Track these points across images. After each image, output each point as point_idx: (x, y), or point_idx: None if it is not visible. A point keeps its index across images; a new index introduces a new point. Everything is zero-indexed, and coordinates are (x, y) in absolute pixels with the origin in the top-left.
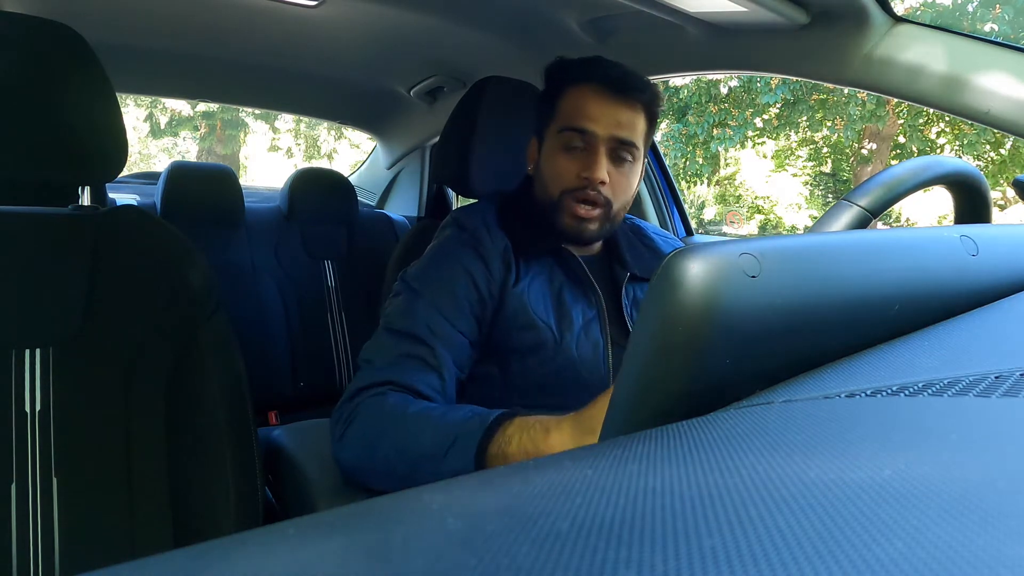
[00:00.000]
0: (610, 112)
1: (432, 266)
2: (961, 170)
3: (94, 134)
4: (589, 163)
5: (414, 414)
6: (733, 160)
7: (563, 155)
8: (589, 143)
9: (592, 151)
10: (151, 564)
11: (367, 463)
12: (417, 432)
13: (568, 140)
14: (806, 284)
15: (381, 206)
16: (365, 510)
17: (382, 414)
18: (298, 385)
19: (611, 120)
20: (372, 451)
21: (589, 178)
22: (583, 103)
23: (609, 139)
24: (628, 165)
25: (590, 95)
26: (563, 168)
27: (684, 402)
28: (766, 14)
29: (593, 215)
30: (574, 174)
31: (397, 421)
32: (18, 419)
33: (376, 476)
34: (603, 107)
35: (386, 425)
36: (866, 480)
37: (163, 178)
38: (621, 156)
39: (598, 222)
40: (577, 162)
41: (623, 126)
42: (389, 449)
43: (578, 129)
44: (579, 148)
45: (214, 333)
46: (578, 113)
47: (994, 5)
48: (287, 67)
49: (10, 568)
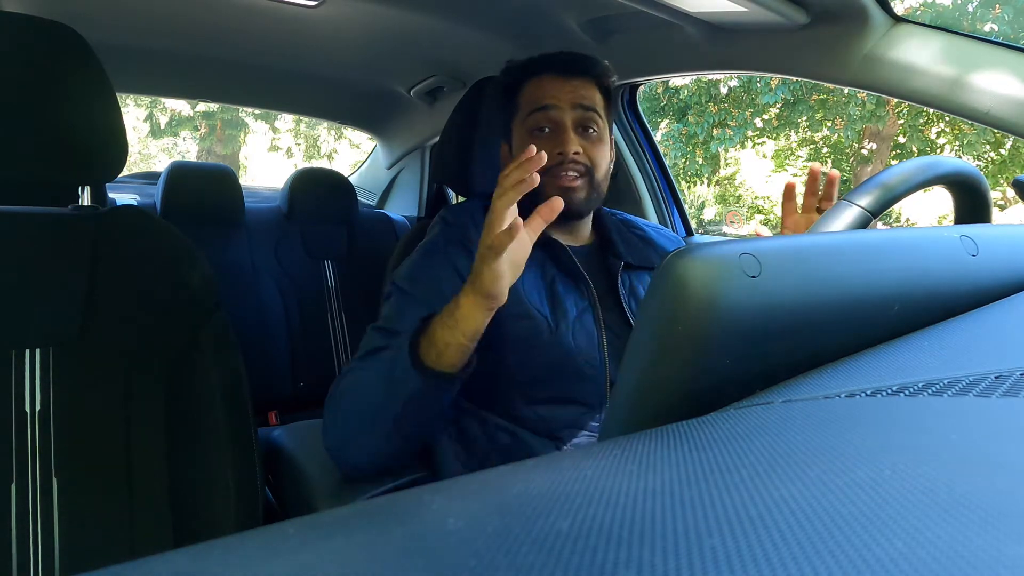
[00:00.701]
0: (568, 88)
1: (419, 265)
2: (961, 170)
3: (94, 134)
4: (560, 140)
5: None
6: (733, 160)
7: (533, 140)
8: (555, 121)
9: (559, 128)
10: (151, 564)
11: (341, 434)
12: (369, 371)
13: (535, 123)
14: (806, 284)
15: (381, 206)
16: (365, 510)
17: (340, 383)
18: (298, 385)
19: (569, 94)
20: (344, 419)
21: (563, 152)
22: (541, 86)
23: (573, 110)
24: (595, 135)
25: (546, 79)
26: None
27: (684, 402)
28: (766, 14)
29: (577, 184)
30: (546, 152)
31: (354, 376)
32: (18, 419)
33: (357, 444)
34: (561, 85)
35: (344, 388)
36: (866, 480)
37: (163, 178)
38: (586, 127)
39: (584, 190)
40: (547, 142)
41: (582, 96)
42: (351, 405)
43: (542, 107)
44: (547, 129)
45: (214, 333)
46: (540, 94)
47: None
48: (287, 67)
49: (10, 568)
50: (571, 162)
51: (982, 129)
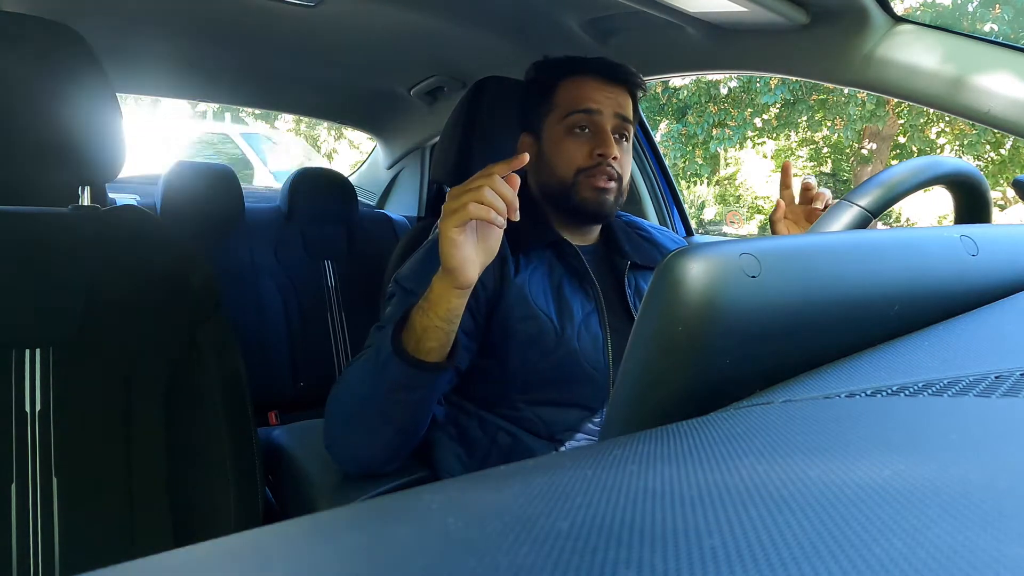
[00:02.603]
0: (609, 95)
1: (421, 265)
2: (961, 170)
3: (94, 134)
4: (600, 141)
5: (354, 363)
6: (733, 160)
7: (571, 138)
8: (595, 124)
9: (600, 130)
10: (151, 564)
11: (339, 423)
12: (358, 366)
13: (575, 123)
14: (806, 284)
15: (381, 206)
16: (365, 510)
17: (339, 383)
18: (298, 385)
19: (612, 101)
20: (341, 416)
21: (603, 154)
22: (585, 89)
23: (613, 117)
24: (626, 144)
25: (590, 82)
26: (574, 149)
27: (684, 402)
28: (766, 14)
29: (610, 186)
30: (586, 153)
31: (346, 374)
32: (18, 419)
33: (355, 440)
34: (603, 91)
35: (340, 386)
36: (866, 480)
37: (163, 178)
38: (622, 135)
39: (614, 194)
40: (587, 143)
41: (622, 106)
42: (346, 394)
43: (585, 110)
44: (586, 130)
45: (214, 333)
46: (583, 97)
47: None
48: (287, 67)
49: (10, 568)
50: (608, 165)
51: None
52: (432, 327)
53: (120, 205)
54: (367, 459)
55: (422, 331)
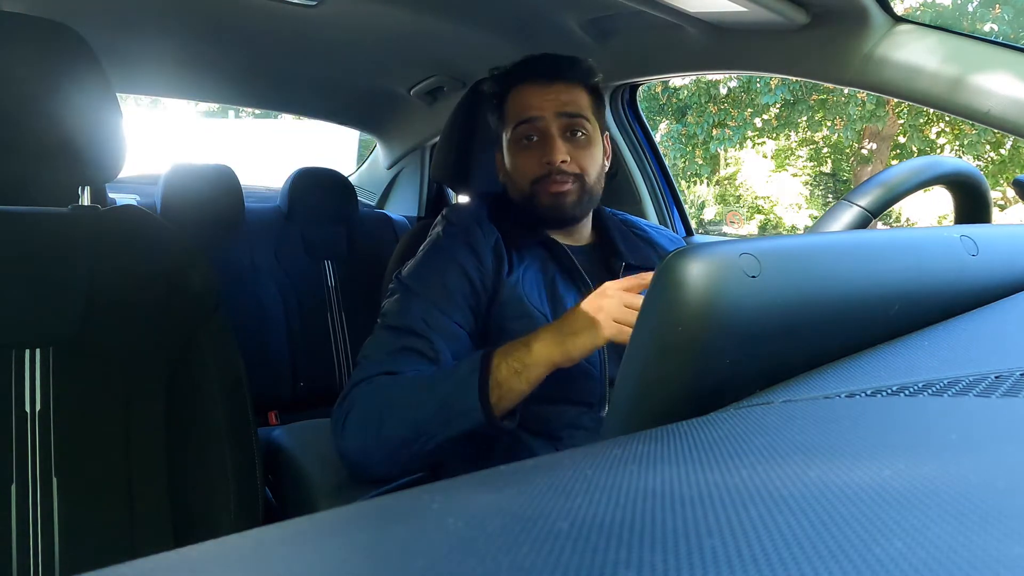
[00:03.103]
0: (550, 96)
1: (424, 263)
2: (961, 170)
3: (94, 134)
4: (546, 149)
5: (409, 381)
6: (733, 160)
7: (521, 151)
8: (541, 130)
9: (546, 137)
10: (151, 564)
11: (373, 441)
12: (416, 394)
13: (522, 134)
14: (806, 284)
15: (381, 206)
16: (365, 510)
17: (379, 392)
18: (298, 385)
19: (553, 102)
20: (376, 428)
21: (550, 162)
22: (525, 97)
23: (556, 118)
24: (584, 139)
25: (530, 88)
26: (524, 161)
27: (684, 402)
28: (766, 14)
29: (566, 188)
30: (535, 163)
31: (395, 392)
32: (18, 419)
33: (383, 453)
34: (542, 94)
35: (385, 400)
36: (866, 480)
37: (163, 178)
38: (574, 131)
39: (575, 195)
40: (535, 152)
41: (566, 103)
42: (392, 419)
43: (526, 120)
44: (534, 139)
45: (214, 333)
46: (523, 107)
47: (994, 5)
48: (287, 67)
49: (10, 568)
50: (559, 172)
51: (982, 129)
52: (520, 391)
53: (120, 205)
54: (382, 472)
55: (508, 391)
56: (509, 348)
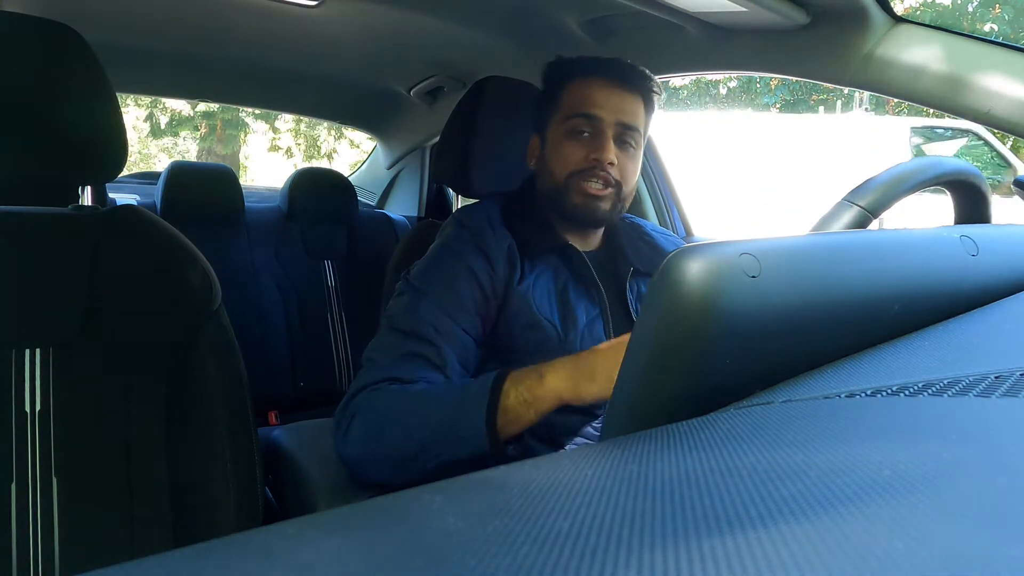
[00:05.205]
0: (615, 100)
1: (435, 265)
2: (961, 170)
3: (94, 134)
4: (597, 145)
5: (416, 395)
6: None
7: (569, 141)
8: (596, 128)
9: (599, 135)
10: (151, 564)
11: (375, 452)
12: (422, 410)
13: (575, 126)
14: (806, 284)
15: (381, 206)
16: (365, 510)
17: (385, 403)
18: (298, 385)
19: (616, 107)
20: (379, 439)
21: (598, 159)
22: (589, 92)
23: (615, 124)
24: (632, 150)
25: (596, 85)
26: (570, 152)
27: (684, 402)
28: (766, 14)
29: (604, 193)
30: (582, 156)
31: (401, 406)
32: (18, 419)
33: (385, 465)
34: (609, 95)
35: (390, 412)
36: (866, 480)
37: (163, 178)
38: (625, 141)
39: (609, 201)
40: (584, 146)
41: (627, 113)
42: (396, 433)
43: (585, 115)
44: (586, 133)
45: (214, 333)
46: (585, 101)
47: (994, 5)
48: (287, 67)
49: (10, 568)
50: (603, 170)
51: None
52: (528, 421)
53: (120, 205)
54: (382, 480)
55: (515, 418)
56: (521, 376)
